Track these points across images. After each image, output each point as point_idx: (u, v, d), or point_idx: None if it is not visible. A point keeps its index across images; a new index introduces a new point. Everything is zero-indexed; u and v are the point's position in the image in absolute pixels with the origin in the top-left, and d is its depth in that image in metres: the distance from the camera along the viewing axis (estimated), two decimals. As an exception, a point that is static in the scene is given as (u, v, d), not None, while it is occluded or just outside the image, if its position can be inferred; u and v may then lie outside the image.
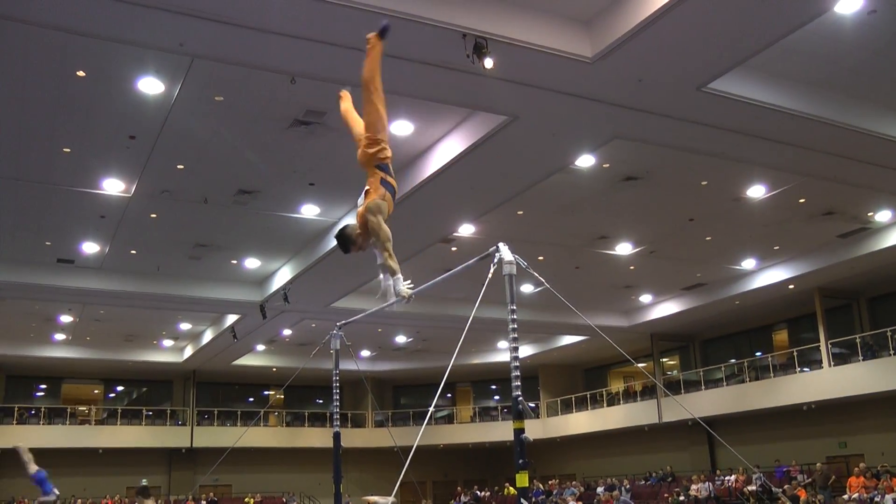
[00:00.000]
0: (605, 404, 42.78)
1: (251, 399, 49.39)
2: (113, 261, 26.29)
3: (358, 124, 8.38)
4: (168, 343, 40.45)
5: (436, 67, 13.90)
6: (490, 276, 7.75)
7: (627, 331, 36.66)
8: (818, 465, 30.70)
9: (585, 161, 19.66)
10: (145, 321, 34.78)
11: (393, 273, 7.97)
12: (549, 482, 41.46)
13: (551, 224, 24.28)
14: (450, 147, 18.21)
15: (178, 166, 19.49)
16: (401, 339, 40.08)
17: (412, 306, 9.34)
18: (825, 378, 31.12)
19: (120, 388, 48.09)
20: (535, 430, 42.65)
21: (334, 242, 23.10)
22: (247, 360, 41.88)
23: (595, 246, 26.68)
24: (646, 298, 34.46)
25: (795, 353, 33.09)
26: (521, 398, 7.06)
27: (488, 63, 13.00)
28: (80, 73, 15.10)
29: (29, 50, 14.26)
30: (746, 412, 34.48)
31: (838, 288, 31.65)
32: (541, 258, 26.35)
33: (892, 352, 29.02)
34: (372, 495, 11.43)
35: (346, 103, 9.02)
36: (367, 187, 7.97)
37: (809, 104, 16.73)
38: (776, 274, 29.90)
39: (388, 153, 8.03)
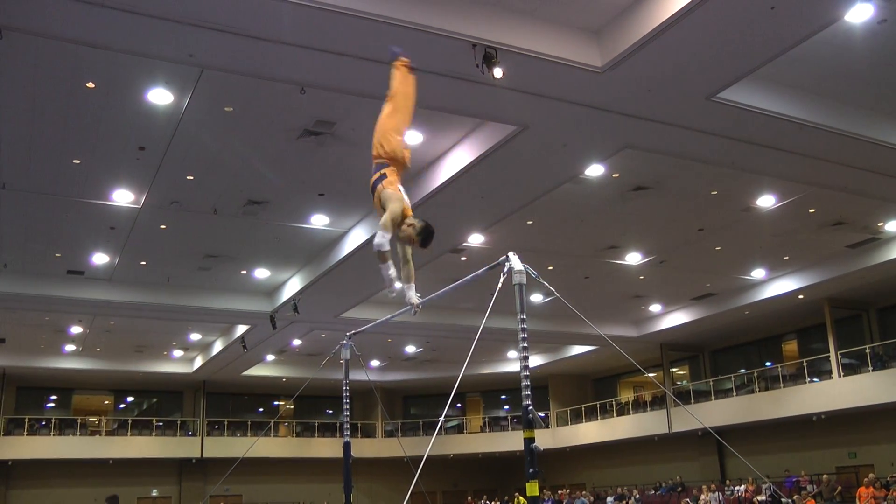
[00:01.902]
0: (614, 414, 42.71)
1: (261, 409, 49.39)
2: (123, 272, 26.34)
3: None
4: (178, 354, 40.48)
5: (446, 77, 13.90)
6: (500, 285, 7.74)
7: (637, 341, 36.59)
8: (825, 476, 30.65)
9: (595, 171, 19.64)
10: (155, 332, 34.83)
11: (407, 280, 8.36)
12: (559, 492, 41.47)
13: (561, 234, 24.26)
14: (460, 157, 18.22)
15: (188, 177, 19.52)
16: (410, 349, 40.03)
17: (421, 316, 9.35)
18: (835, 388, 31.05)
19: (130, 399, 48.12)
20: (545, 439, 42.60)
21: (344, 252, 23.26)
22: (257, 371, 41.91)
23: (605, 256, 26.66)
24: (655, 308, 34.43)
25: (805, 364, 33.04)
26: (531, 408, 7.05)
27: (498, 73, 13.02)
28: (90, 85, 15.14)
29: (39, 61, 14.29)
30: (756, 422, 34.40)
31: (848, 298, 31.58)
32: (550, 268, 26.34)
33: (901, 362, 29.00)
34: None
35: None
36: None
37: (819, 114, 16.72)
38: (786, 284, 29.86)
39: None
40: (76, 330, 33.79)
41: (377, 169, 8.27)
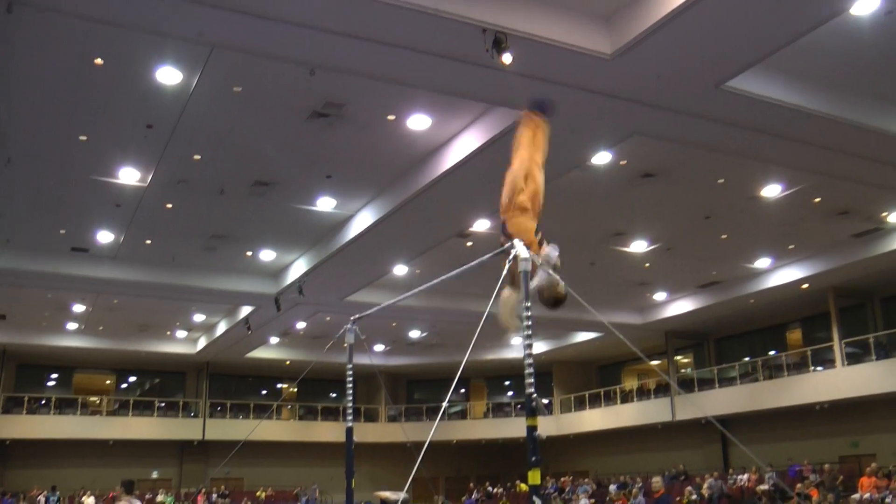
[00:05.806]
0: (618, 402, 42.79)
1: (264, 392, 49.46)
2: (128, 250, 26.36)
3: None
4: (181, 334, 40.54)
5: (455, 61, 13.89)
6: (505, 272, 7.73)
7: (642, 328, 36.61)
8: (826, 465, 30.68)
9: (602, 158, 19.61)
10: (159, 311, 34.87)
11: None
12: (562, 479, 41.49)
13: (567, 220, 24.20)
14: (467, 142, 18.20)
15: (195, 157, 19.51)
16: (415, 333, 40.03)
17: (426, 301, 9.21)
18: (838, 377, 31.08)
19: (132, 379, 48.21)
20: (549, 426, 42.67)
21: (350, 235, 23.22)
22: (260, 353, 42.03)
23: (610, 243, 26.63)
24: (660, 296, 34.43)
25: (809, 353, 33.11)
26: (535, 396, 7.03)
27: (507, 58, 12.98)
28: (99, 62, 15.13)
29: (48, 38, 14.29)
30: (760, 411, 34.43)
31: (852, 287, 31.56)
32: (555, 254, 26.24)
33: (905, 351, 29.01)
34: (384, 491, 11.35)
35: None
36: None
37: (826, 103, 16.70)
38: (791, 273, 29.87)
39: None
40: (79, 308, 33.86)
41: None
